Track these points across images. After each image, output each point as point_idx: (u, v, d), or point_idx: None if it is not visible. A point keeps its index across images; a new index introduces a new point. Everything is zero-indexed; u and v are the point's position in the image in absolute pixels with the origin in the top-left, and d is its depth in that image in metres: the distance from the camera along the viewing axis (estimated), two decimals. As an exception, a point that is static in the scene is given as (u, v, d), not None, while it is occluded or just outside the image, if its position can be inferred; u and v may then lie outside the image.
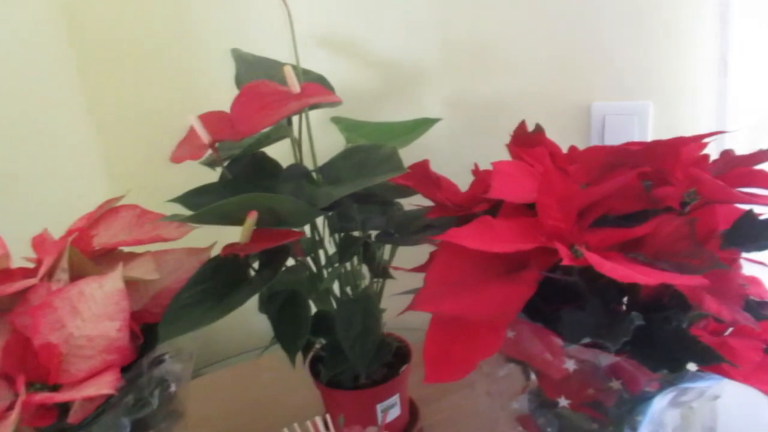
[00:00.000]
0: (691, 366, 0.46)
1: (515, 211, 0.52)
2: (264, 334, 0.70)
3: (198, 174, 0.67)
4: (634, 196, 0.52)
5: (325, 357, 0.73)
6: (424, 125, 0.79)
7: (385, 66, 0.94)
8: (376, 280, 0.73)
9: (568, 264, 0.42)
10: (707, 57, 0.80)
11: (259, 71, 0.70)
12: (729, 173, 0.53)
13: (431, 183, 0.63)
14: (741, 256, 0.50)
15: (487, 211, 0.53)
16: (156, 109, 1.00)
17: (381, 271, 0.73)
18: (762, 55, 0.78)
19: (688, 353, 0.45)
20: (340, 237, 0.70)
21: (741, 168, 0.53)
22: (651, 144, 0.53)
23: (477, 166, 0.65)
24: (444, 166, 0.67)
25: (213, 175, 0.66)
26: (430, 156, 0.65)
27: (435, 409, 0.82)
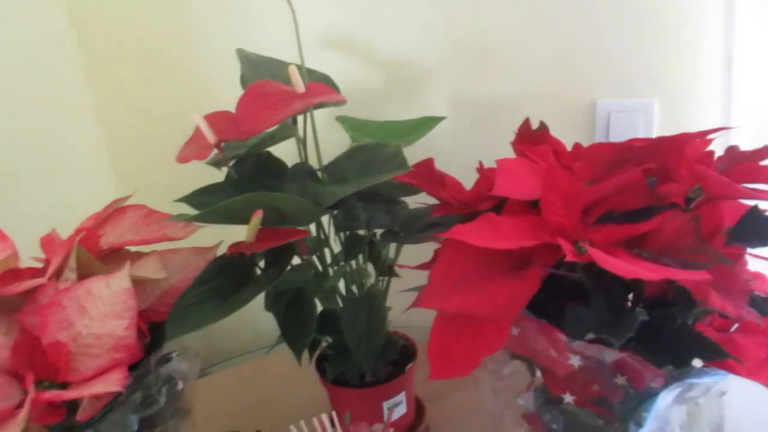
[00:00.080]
0: (697, 362, 0.46)
1: (520, 209, 0.52)
2: (270, 333, 0.70)
3: (204, 174, 0.67)
4: (638, 192, 0.51)
5: (331, 355, 0.73)
6: (428, 124, 0.79)
7: (390, 65, 0.94)
8: (381, 278, 0.73)
9: (571, 260, 0.42)
10: (712, 54, 0.80)
11: (264, 71, 0.70)
12: (734, 169, 0.53)
13: (436, 181, 0.63)
14: (746, 252, 0.50)
15: (492, 209, 0.53)
16: (162, 110, 1.01)
17: (386, 270, 0.73)
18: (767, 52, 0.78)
19: (692, 349, 0.45)
20: (345, 235, 0.70)
21: (746, 164, 0.53)
22: (655, 140, 0.53)
23: (482, 164, 0.65)
24: (448, 164, 0.67)
25: (219, 175, 0.67)
26: (434, 155, 0.65)
27: (441, 407, 0.82)
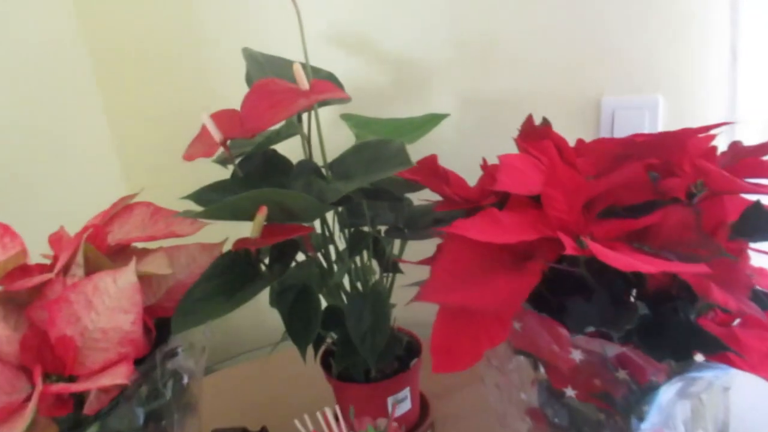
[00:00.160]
0: (699, 357, 0.46)
1: (522, 204, 0.52)
2: (275, 331, 0.71)
3: (210, 172, 0.68)
4: (640, 187, 0.51)
5: (336, 351, 0.73)
6: (432, 121, 0.79)
7: (395, 64, 0.94)
8: (385, 274, 0.74)
9: (571, 254, 0.42)
10: (717, 50, 0.80)
11: (269, 70, 0.71)
12: (737, 164, 0.53)
13: (439, 178, 0.63)
14: (749, 246, 0.50)
15: (495, 205, 0.53)
16: (169, 109, 1.02)
17: (390, 266, 0.73)
18: (773, 48, 0.78)
19: (693, 342, 0.45)
20: (350, 232, 0.70)
21: (749, 159, 0.53)
22: (658, 135, 0.53)
23: (485, 161, 0.65)
24: (452, 161, 0.67)
25: (225, 173, 0.67)
26: (438, 152, 0.65)
27: (446, 404, 0.83)
